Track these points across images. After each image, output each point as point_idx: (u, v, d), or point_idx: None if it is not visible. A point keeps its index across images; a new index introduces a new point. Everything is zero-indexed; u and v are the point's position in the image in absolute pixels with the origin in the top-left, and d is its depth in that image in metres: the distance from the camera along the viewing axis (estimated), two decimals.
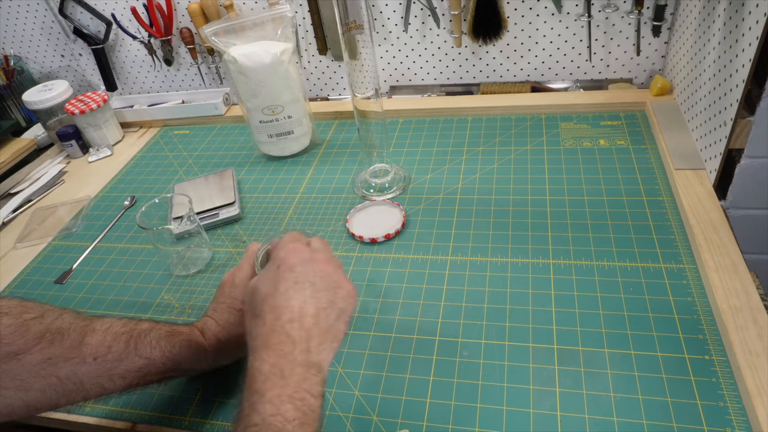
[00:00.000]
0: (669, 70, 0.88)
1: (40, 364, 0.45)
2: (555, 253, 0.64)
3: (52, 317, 0.48)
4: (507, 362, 0.53)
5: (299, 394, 0.40)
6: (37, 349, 0.45)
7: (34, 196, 0.95)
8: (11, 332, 0.45)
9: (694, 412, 0.46)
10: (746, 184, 0.63)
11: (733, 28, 0.62)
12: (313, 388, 0.41)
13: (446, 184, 0.78)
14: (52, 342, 0.46)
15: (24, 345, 0.45)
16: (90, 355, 0.47)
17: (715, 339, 0.52)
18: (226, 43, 0.83)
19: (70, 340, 0.47)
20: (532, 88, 0.96)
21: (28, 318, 0.46)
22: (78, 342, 0.47)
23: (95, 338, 0.48)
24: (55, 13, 1.09)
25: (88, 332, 0.48)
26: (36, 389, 0.45)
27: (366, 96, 0.72)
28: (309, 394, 0.40)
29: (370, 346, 0.57)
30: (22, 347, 0.44)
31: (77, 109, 0.98)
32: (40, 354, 0.45)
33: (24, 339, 0.45)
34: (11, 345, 0.44)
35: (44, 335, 0.46)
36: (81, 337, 0.48)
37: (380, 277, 0.65)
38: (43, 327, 0.46)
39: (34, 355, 0.45)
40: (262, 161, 0.92)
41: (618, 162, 0.76)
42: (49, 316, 0.48)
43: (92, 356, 0.47)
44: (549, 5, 0.89)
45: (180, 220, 0.70)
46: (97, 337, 0.48)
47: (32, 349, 0.45)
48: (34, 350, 0.45)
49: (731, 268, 0.57)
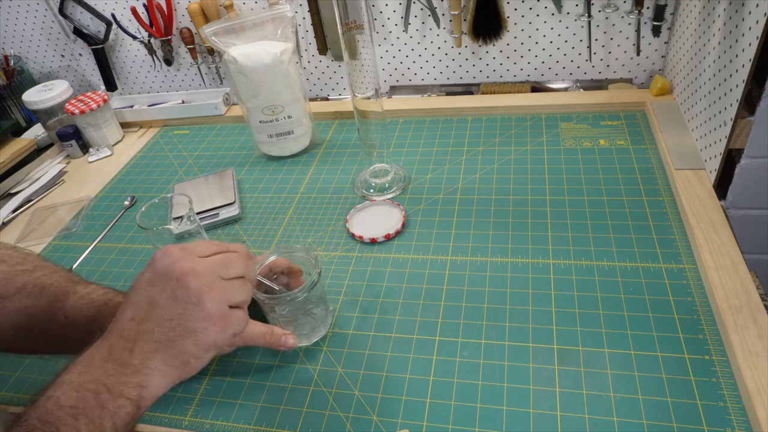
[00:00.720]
0: (669, 70, 0.88)
1: (16, 311, 0.49)
2: (555, 253, 0.64)
3: (41, 272, 0.51)
4: (507, 362, 0.53)
5: (94, 386, 0.39)
6: (16, 298, 0.49)
7: (34, 196, 0.95)
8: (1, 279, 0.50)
9: (694, 412, 0.46)
10: (746, 184, 0.63)
11: (733, 28, 0.62)
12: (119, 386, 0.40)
13: (446, 184, 0.78)
14: (30, 294, 0.50)
15: (6, 292, 0.49)
16: (62, 314, 0.50)
17: (715, 339, 0.52)
18: (226, 43, 0.83)
19: (47, 298, 0.50)
20: (532, 88, 0.96)
21: (19, 269, 0.51)
22: (54, 300, 0.50)
23: (71, 300, 0.51)
24: (55, 13, 1.09)
25: (68, 293, 0.51)
26: (9, 333, 0.49)
27: (366, 96, 0.72)
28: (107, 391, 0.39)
29: (370, 346, 0.57)
30: (3, 293, 0.49)
31: (77, 109, 0.98)
32: (18, 303, 0.49)
33: (7, 287, 0.49)
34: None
35: (26, 287, 0.50)
36: (59, 296, 0.51)
37: (380, 277, 0.65)
38: (28, 279, 0.50)
39: (12, 303, 0.49)
40: (262, 161, 0.92)
41: (618, 162, 0.76)
42: (39, 271, 0.51)
43: (63, 315, 0.50)
44: (549, 5, 0.89)
45: (180, 220, 0.70)
46: (73, 300, 0.51)
47: (12, 296, 0.49)
48: (14, 298, 0.49)
49: (731, 268, 0.57)
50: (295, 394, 0.54)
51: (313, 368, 0.56)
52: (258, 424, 0.52)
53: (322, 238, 0.73)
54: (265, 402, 0.54)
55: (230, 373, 0.57)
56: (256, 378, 0.56)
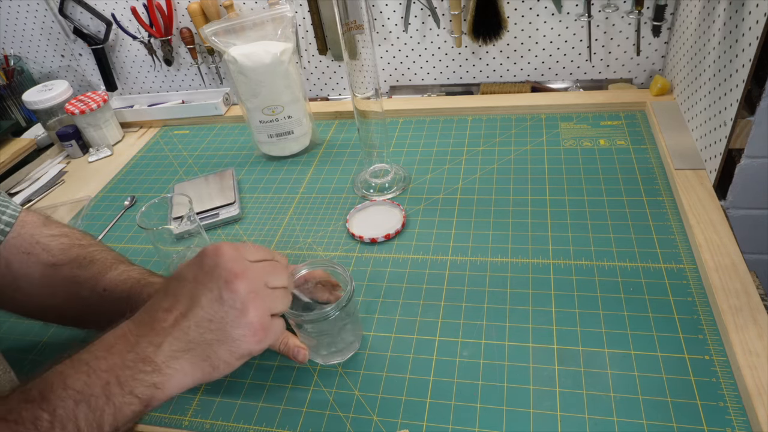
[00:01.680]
0: (669, 70, 0.88)
1: (67, 278, 0.54)
2: (555, 253, 0.64)
3: (94, 248, 0.57)
4: (507, 362, 0.53)
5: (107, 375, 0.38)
6: (69, 267, 0.54)
7: (34, 196, 0.95)
8: (60, 249, 0.55)
9: (694, 412, 0.46)
10: (746, 184, 0.63)
11: (733, 28, 0.62)
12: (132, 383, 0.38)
13: (446, 184, 0.78)
14: (80, 265, 0.55)
15: (62, 259, 0.55)
16: (101, 286, 0.54)
17: (715, 339, 0.52)
18: (226, 43, 0.83)
19: (94, 269, 0.55)
20: (532, 88, 0.96)
21: (77, 243, 0.57)
22: (98, 273, 0.54)
23: (112, 274, 0.55)
24: (55, 13, 1.09)
25: (111, 268, 0.55)
26: (61, 298, 0.54)
27: (366, 96, 0.72)
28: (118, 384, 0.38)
29: (370, 346, 0.57)
30: (60, 260, 0.55)
31: (77, 109, 0.98)
32: (70, 271, 0.54)
33: (64, 255, 0.55)
34: (55, 257, 0.55)
35: (78, 258, 0.55)
36: (104, 270, 0.55)
37: (380, 277, 0.65)
38: (82, 252, 0.56)
39: (65, 270, 0.54)
40: (262, 161, 0.92)
41: (618, 162, 0.76)
42: (92, 247, 0.57)
43: (102, 287, 0.54)
44: (549, 5, 0.89)
45: (180, 220, 0.70)
46: (114, 274, 0.55)
47: (66, 265, 0.54)
48: (67, 267, 0.54)
49: (731, 268, 0.57)
50: (295, 394, 0.54)
51: (313, 368, 0.56)
52: (258, 424, 0.52)
53: (322, 238, 0.73)
54: (265, 402, 0.54)
55: (231, 373, 0.57)
56: (256, 378, 0.56)
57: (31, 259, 0.54)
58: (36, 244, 0.55)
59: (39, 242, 0.55)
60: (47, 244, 0.55)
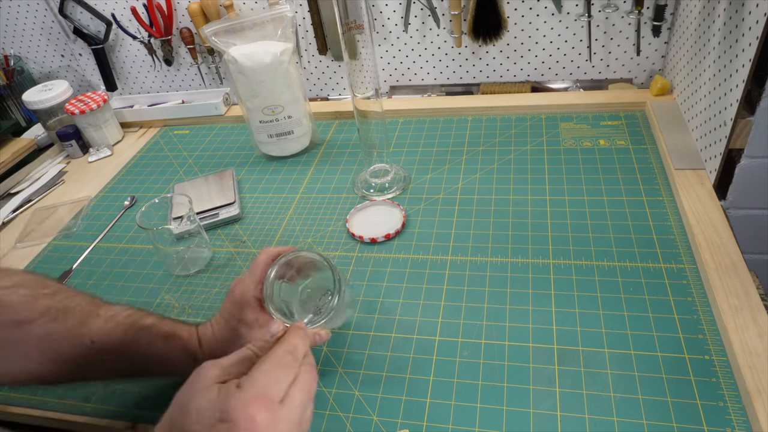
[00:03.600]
0: (669, 70, 0.88)
1: (41, 336, 0.47)
2: (555, 253, 0.64)
3: (63, 296, 0.49)
4: (507, 362, 0.53)
5: None
6: (41, 322, 0.47)
7: (34, 196, 0.95)
8: (22, 302, 0.47)
9: (694, 412, 0.46)
10: (746, 184, 0.63)
11: (733, 28, 0.62)
12: None
13: (446, 184, 0.78)
14: (55, 318, 0.47)
15: (29, 315, 0.47)
16: (88, 338, 0.48)
17: (715, 339, 0.52)
18: (226, 43, 0.83)
19: (72, 320, 0.48)
20: (532, 88, 0.96)
21: (41, 292, 0.48)
22: (79, 323, 0.48)
23: (97, 323, 0.49)
24: (55, 13, 1.09)
25: (92, 316, 0.49)
26: (36, 360, 0.47)
27: (366, 96, 0.72)
28: None
29: (370, 346, 0.57)
30: (27, 317, 0.47)
31: (77, 109, 0.98)
32: (43, 327, 0.47)
33: (30, 310, 0.47)
34: (19, 313, 0.46)
35: (50, 310, 0.48)
36: (84, 320, 0.49)
37: (380, 277, 0.65)
38: (51, 302, 0.48)
39: (37, 327, 0.47)
40: (262, 161, 0.92)
41: (618, 162, 0.76)
42: (60, 294, 0.49)
43: (90, 339, 0.48)
44: (549, 5, 0.89)
45: (180, 220, 0.70)
46: (99, 323, 0.49)
47: (36, 320, 0.47)
48: (38, 322, 0.47)
49: (731, 268, 0.57)
50: None
51: None
52: None
53: (322, 238, 0.73)
54: None
55: None
56: None
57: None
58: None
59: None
60: (4, 299, 0.47)
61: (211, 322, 0.54)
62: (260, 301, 0.51)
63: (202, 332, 0.53)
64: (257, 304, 0.51)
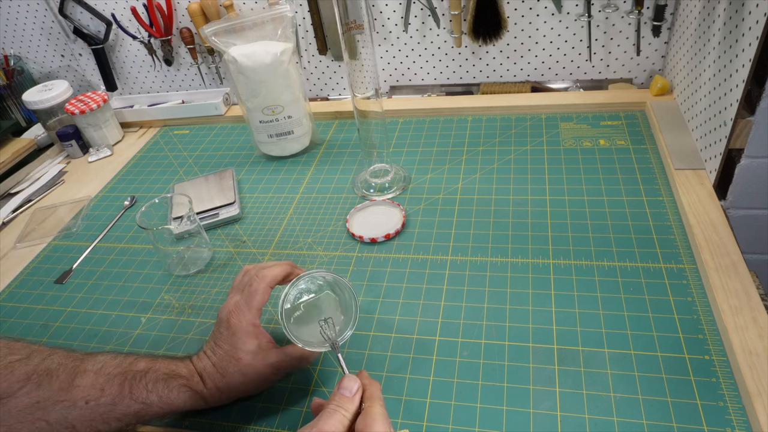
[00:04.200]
0: (669, 70, 0.88)
1: (27, 408, 0.43)
2: (555, 253, 0.64)
3: (39, 358, 0.45)
4: (507, 362, 0.53)
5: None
6: (23, 392, 0.43)
7: (34, 196, 0.95)
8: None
9: (694, 412, 0.46)
10: (746, 184, 0.63)
11: (733, 28, 0.62)
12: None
13: (446, 184, 0.78)
14: (39, 384, 0.44)
15: (8, 388, 0.42)
16: (81, 398, 0.45)
17: (715, 339, 0.52)
18: (226, 43, 0.83)
19: (59, 383, 0.44)
20: (532, 88, 0.96)
21: (14, 360, 0.44)
22: (68, 384, 0.45)
23: (86, 380, 0.46)
24: (55, 13, 1.09)
25: (78, 373, 0.46)
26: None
27: (366, 96, 0.72)
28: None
29: (370, 346, 0.57)
30: (5, 391, 0.42)
31: (77, 109, 0.98)
32: (27, 397, 0.43)
33: (8, 382, 0.43)
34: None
35: (31, 377, 0.44)
36: (71, 379, 0.45)
37: (380, 277, 0.65)
38: (29, 368, 0.44)
39: (20, 399, 0.43)
40: (262, 161, 0.92)
41: (618, 162, 0.76)
42: (36, 357, 0.45)
43: (83, 400, 0.45)
44: (549, 5, 0.89)
45: (180, 220, 0.70)
46: (89, 379, 0.46)
47: (18, 392, 0.43)
48: (20, 393, 0.43)
49: (731, 268, 0.57)
50: (295, 394, 0.54)
51: (312, 368, 0.56)
52: (258, 424, 0.52)
53: (322, 238, 0.73)
54: (265, 402, 0.54)
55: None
56: None
57: None
58: None
59: None
60: None
61: (206, 353, 0.51)
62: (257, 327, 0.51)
63: (200, 366, 0.50)
64: (257, 331, 0.50)
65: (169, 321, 0.65)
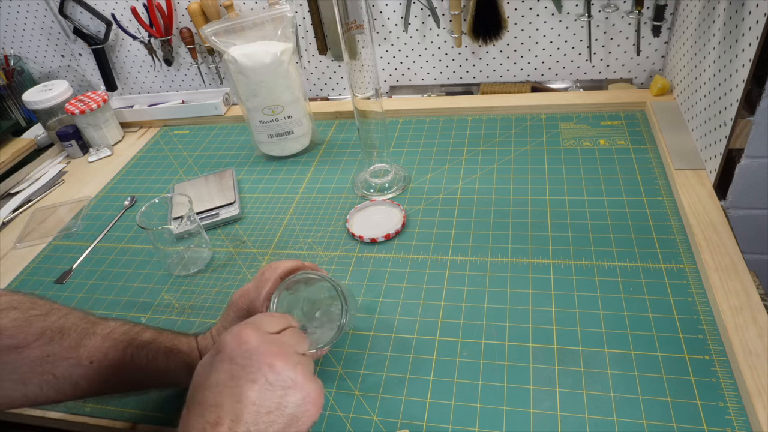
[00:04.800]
0: (669, 70, 0.88)
1: (37, 359, 0.46)
2: (555, 253, 0.64)
3: (56, 316, 0.48)
4: (507, 362, 0.53)
5: None
6: (37, 345, 0.46)
7: (34, 196, 0.95)
8: (15, 326, 0.45)
9: (694, 412, 0.46)
10: (746, 184, 0.63)
11: (733, 28, 0.62)
12: None
13: (446, 184, 0.78)
14: (51, 340, 0.46)
15: (24, 339, 0.45)
16: (86, 358, 0.47)
17: (715, 339, 0.52)
18: (226, 43, 0.83)
19: (69, 341, 0.47)
20: (532, 88, 0.96)
21: (34, 314, 0.47)
22: (76, 343, 0.47)
23: (94, 342, 0.48)
24: (55, 13, 1.09)
25: (88, 335, 0.48)
26: (33, 384, 0.46)
27: (366, 96, 0.72)
28: None
29: (370, 346, 0.57)
30: (22, 341, 0.45)
31: (77, 109, 0.98)
32: (39, 350, 0.46)
33: (25, 334, 0.46)
34: (13, 338, 0.45)
35: (45, 332, 0.46)
36: (80, 339, 0.48)
37: (380, 277, 0.65)
38: (45, 324, 0.47)
39: (33, 351, 0.45)
40: (262, 161, 0.92)
41: (618, 162, 0.76)
42: (54, 315, 0.48)
43: (88, 360, 0.47)
44: (549, 5, 0.89)
45: (180, 220, 0.70)
46: (96, 341, 0.48)
47: (32, 344, 0.46)
48: (34, 346, 0.46)
49: (731, 268, 0.57)
50: None
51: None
52: None
53: (322, 238, 0.73)
54: None
55: None
56: None
57: None
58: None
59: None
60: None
61: (211, 333, 0.54)
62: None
63: (202, 344, 0.53)
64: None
65: (169, 321, 0.65)
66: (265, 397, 0.38)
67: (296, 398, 0.39)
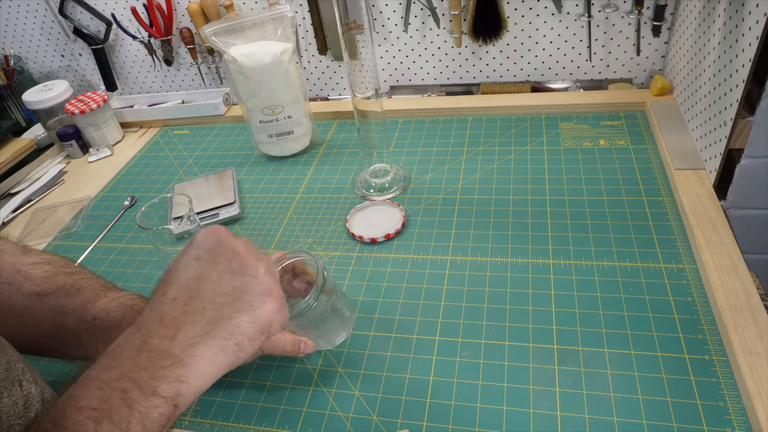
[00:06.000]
0: (669, 70, 0.88)
1: (53, 309, 0.50)
2: (555, 253, 0.64)
3: (81, 276, 0.53)
4: (507, 362, 0.53)
5: (121, 383, 0.33)
6: (55, 296, 0.51)
7: (34, 196, 0.95)
8: (44, 276, 0.52)
9: (694, 412, 0.46)
10: (746, 184, 0.63)
11: (733, 28, 0.62)
12: (152, 382, 0.34)
13: (446, 184, 0.78)
14: (68, 294, 0.51)
15: (47, 289, 0.51)
16: (91, 315, 0.51)
17: (715, 339, 0.52)
18: (226, 43, 0.83)
19: (82, 297, 0.51)
20: (532, 88, 0.96)
21: (62, 271, 0.53)
22: (87, 301, 0.51)
23: (102, 302, 0.51)
24: (55, 13, 1.09)
25: (99, 296, 0.52)
26: (45, 331, 0.50)
27: (366, 96, 0.72)
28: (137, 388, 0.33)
29: (370, 346, 0.57)
30: (45, 290, 0.51)
31: (77, 109, 0.98)
32: (56, 301, 0.51)
33: (50, 285, 0.51)
34: (39, 286, 0.51)
35: (65, 286, 0.52)
36: (92, 298, 0.52)
37: (380, 277, 0.65)
38: (69, 280, 0.52)
39: (51, 299, 0.51)
40: (262, 161, 0.92)
41: (618, 162, 0.76)
42: (78, 275, 0.53)
43: (92, 316, 0.51)
44: (549, 5, 0.89)
45: (180, 220, 0.70)
46: (103, 302, 0.51)
47: (52, 294, 0.51)
48: (53, 296, 0.51)
49: (731, 268, 0.57)
50: (295, 394, 0.54)
51: (312, 368, 0.56)
52: (258, 424, 0.52)
53: (322, 238, 0.73)
54: (265, 402, 0.54)
55: (230, 373, 0.56)
56: (256, 378, 0.56)
57: (12, 290, 0.50)
58: (17, 273, 0.51)
59: (20, 271, 0.51)
60: (29, 272, 0.51)
61: None
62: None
63: None
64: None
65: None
66: (224, 278, 0.39)
67: (254, 287, 0.40)
